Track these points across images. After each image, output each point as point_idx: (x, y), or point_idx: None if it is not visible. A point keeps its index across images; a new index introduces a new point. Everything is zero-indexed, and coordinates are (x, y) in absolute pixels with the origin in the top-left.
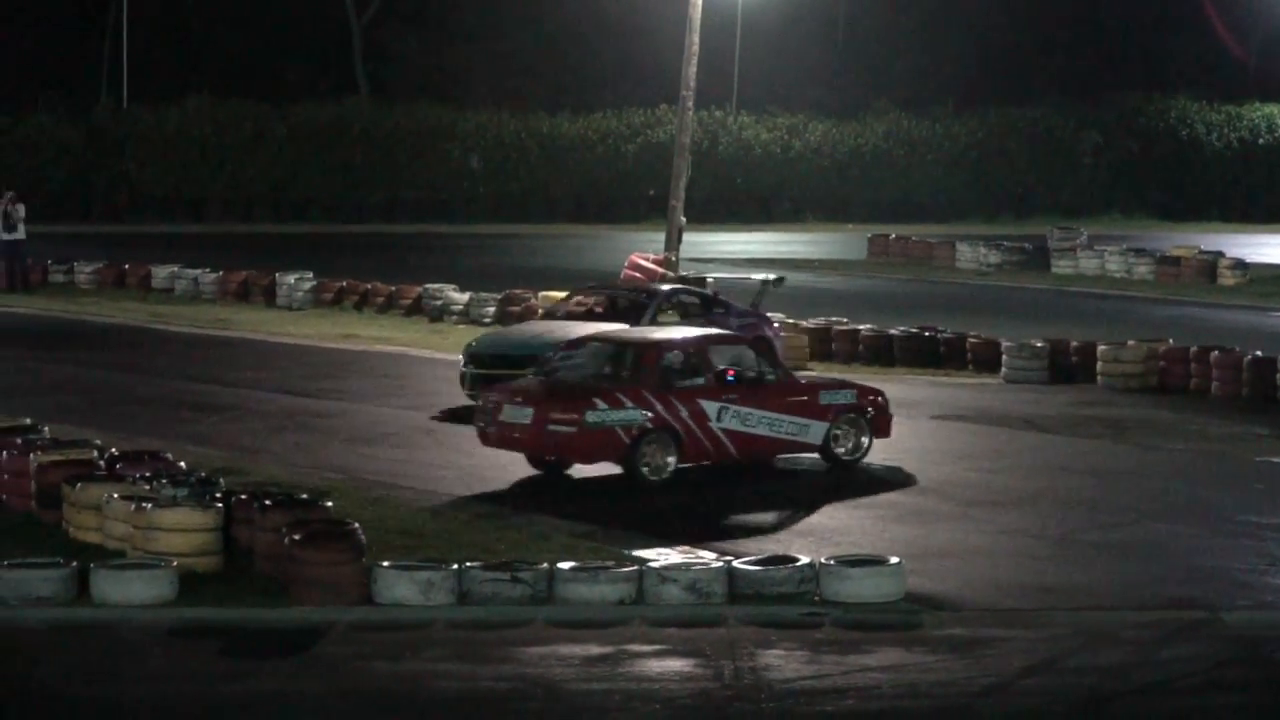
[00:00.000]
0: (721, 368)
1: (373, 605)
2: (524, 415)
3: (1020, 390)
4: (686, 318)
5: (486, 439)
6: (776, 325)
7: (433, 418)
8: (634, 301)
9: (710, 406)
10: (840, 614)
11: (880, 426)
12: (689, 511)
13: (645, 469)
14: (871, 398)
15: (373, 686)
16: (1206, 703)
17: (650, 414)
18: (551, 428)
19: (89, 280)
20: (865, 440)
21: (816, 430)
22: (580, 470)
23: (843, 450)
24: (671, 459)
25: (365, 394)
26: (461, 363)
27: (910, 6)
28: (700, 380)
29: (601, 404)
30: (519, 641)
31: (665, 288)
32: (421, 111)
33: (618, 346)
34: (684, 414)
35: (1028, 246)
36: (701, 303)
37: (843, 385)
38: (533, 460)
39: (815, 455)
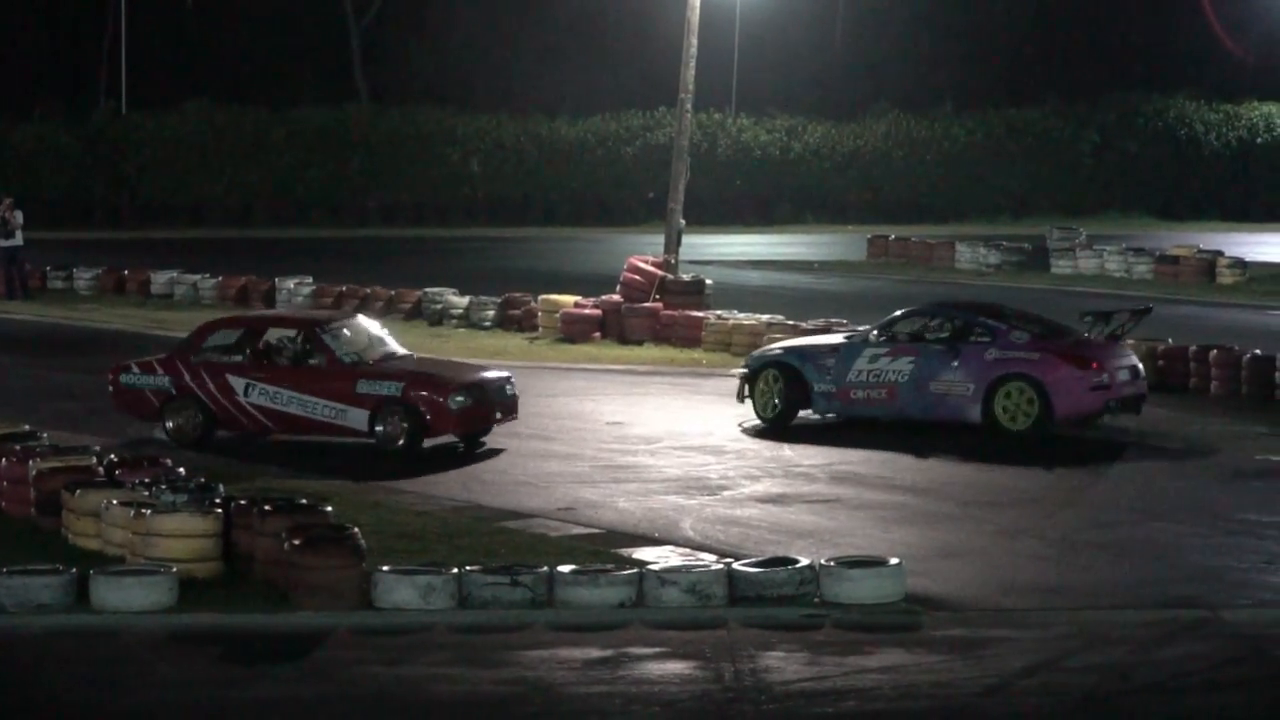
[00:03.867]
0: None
1: (373, 610)
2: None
3: None
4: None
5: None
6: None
7: None
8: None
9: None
10: (840, 615)
11: (436, 421)
12: None
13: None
14: (423, 391)
15: (373, 691)
16: (1207, 702)
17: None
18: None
19: (88, 286)
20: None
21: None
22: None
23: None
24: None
25: None
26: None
27: (908, 7)
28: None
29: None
30: (519, 645)
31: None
32: (420, 115)
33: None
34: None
35: (1027, 246)
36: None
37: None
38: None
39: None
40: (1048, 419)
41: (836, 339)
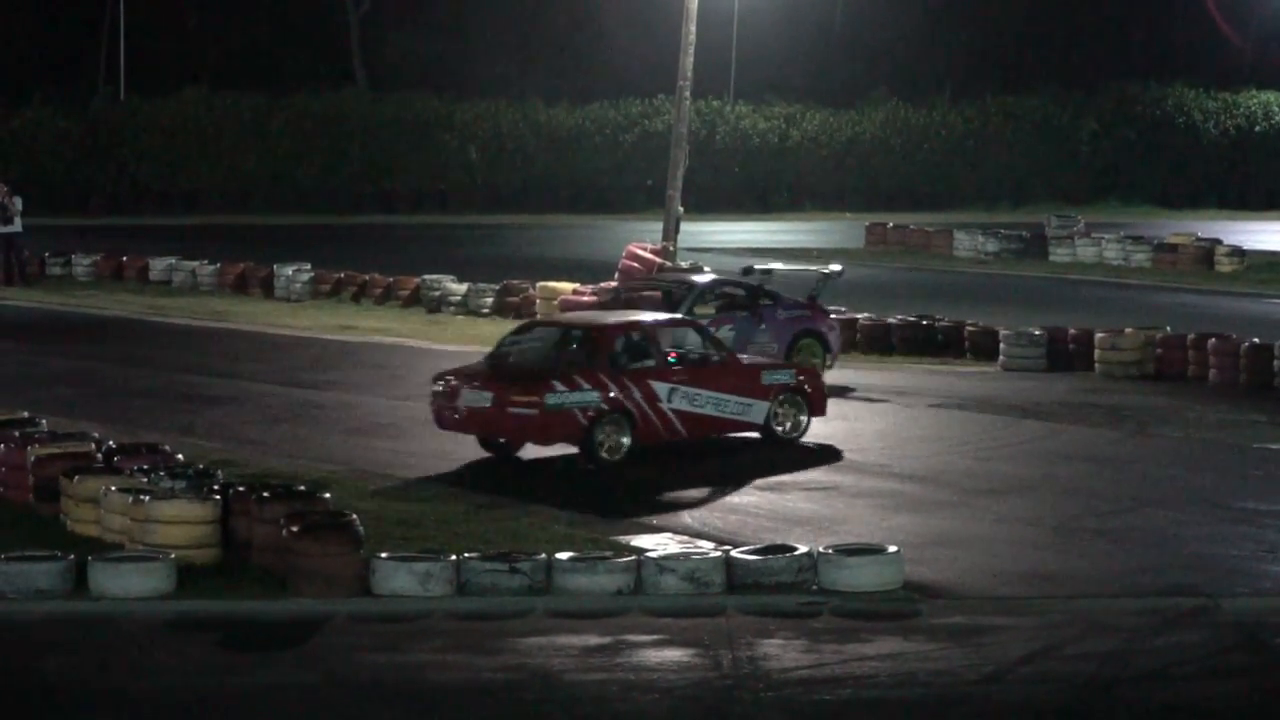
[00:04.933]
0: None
1: (371, 596)
2: (483, 399)
3: (1018, 378)
4: (731, 309)
5: (444, 422)
6: (833, 318)
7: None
8: (672, 292)
9: (660, 388)
10: (839, 603)
11: (816, 405)
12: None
13: (603, 450)
14: (808, 374)
15: (371, 678)
16: (1205, 689)
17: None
18: (513, 410)
19: (86, 272)
20: (804, 419)
21: (759, 410)
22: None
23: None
24: (626, 439)
25: (364, 385)
26: None
27: None
28: (650, 362)
29: (560, 386)
30: (517, 632)
31: (705, 279)
32: (419, 102)
33: (566, 330)
34: (636, 395)
35: (1025, 234)
36: (747, 294)
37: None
38: (484, 443)
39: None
40: (826, 364)
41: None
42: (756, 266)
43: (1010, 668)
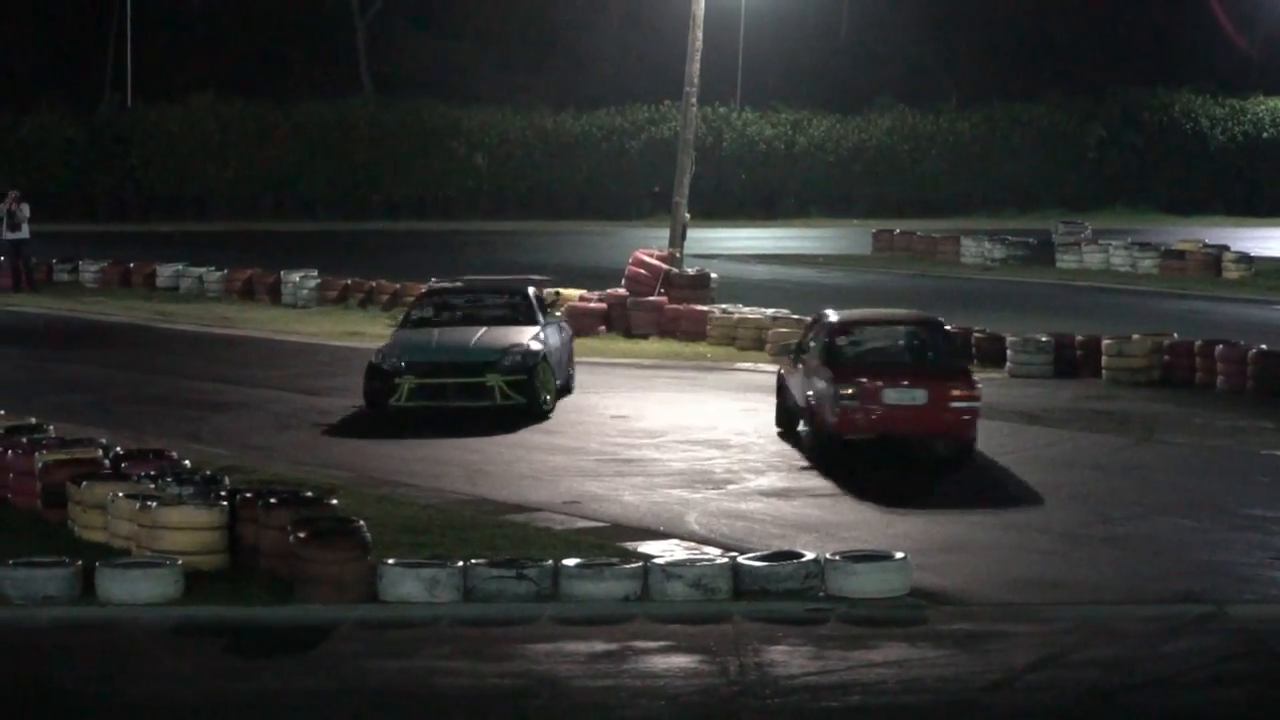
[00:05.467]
0: None
1: (378, 603)
2: (917, 398)
3: (1025, 384)
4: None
5: (854, 426)
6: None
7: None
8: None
9: None
10: (845, 609)
11: None
12: None
13: None
14: None
15: (378, 684)
16: (1211, 697)
17: None
18: (955, 405)
19: (94, 279)
20: None
21: None
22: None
23: None
24: None
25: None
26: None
27: (913, 1)
28: None
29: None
30: (524, 638)
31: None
32: (426, 109)
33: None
34: None
35: (1032, 241)
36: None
37: None
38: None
39: None
40: None
41: None
42: None
43: (1017, 674)
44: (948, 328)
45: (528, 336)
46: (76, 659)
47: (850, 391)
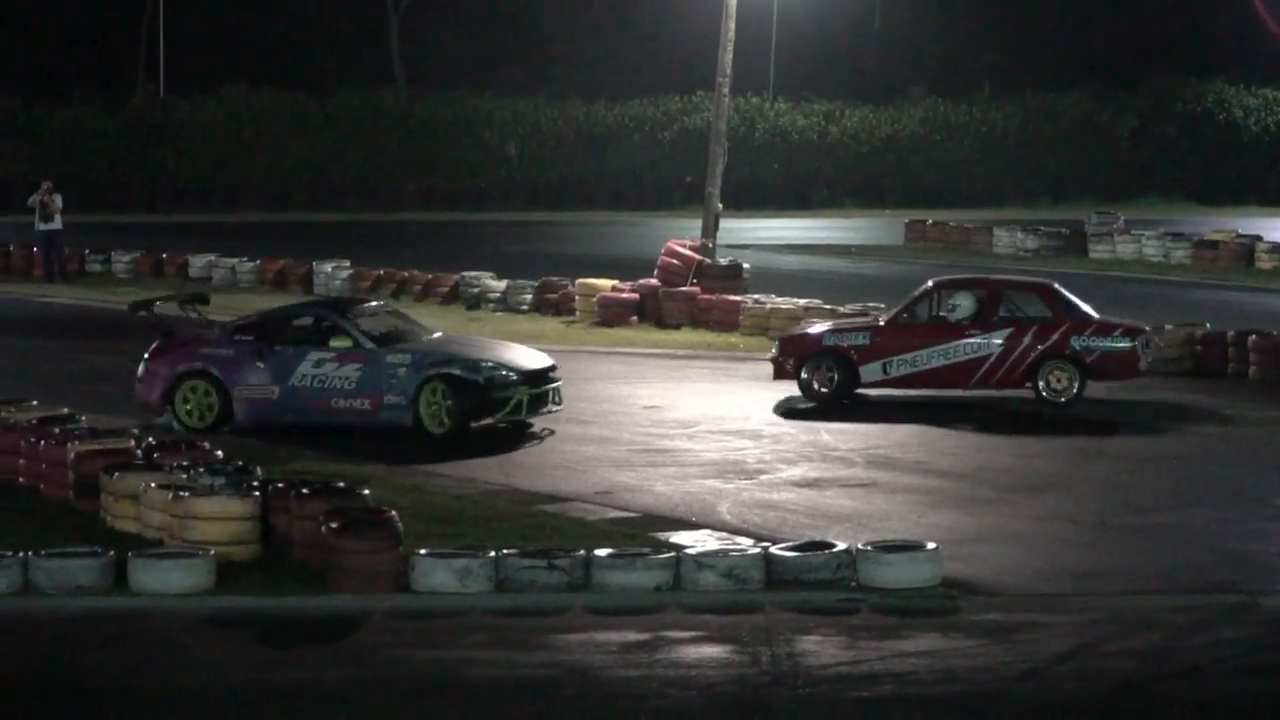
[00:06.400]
0: None
1: (410, 593)
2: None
3: None
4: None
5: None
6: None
7: None
8: None
9: None
10: (877, 599)
11: None
12: None
13: None
14: None
15: (410, 674)
16: (1244, 687)
17: None
18: None
19: (126, 270)
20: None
21: None
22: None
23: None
24: None
25: None
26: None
27: None
28: None
29: None
30: (556, 629)
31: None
32: (458, 99)
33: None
34: None
35: (1065, 231)
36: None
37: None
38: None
39: None
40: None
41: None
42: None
43: (1048, 665)
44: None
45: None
46: (108, 649)
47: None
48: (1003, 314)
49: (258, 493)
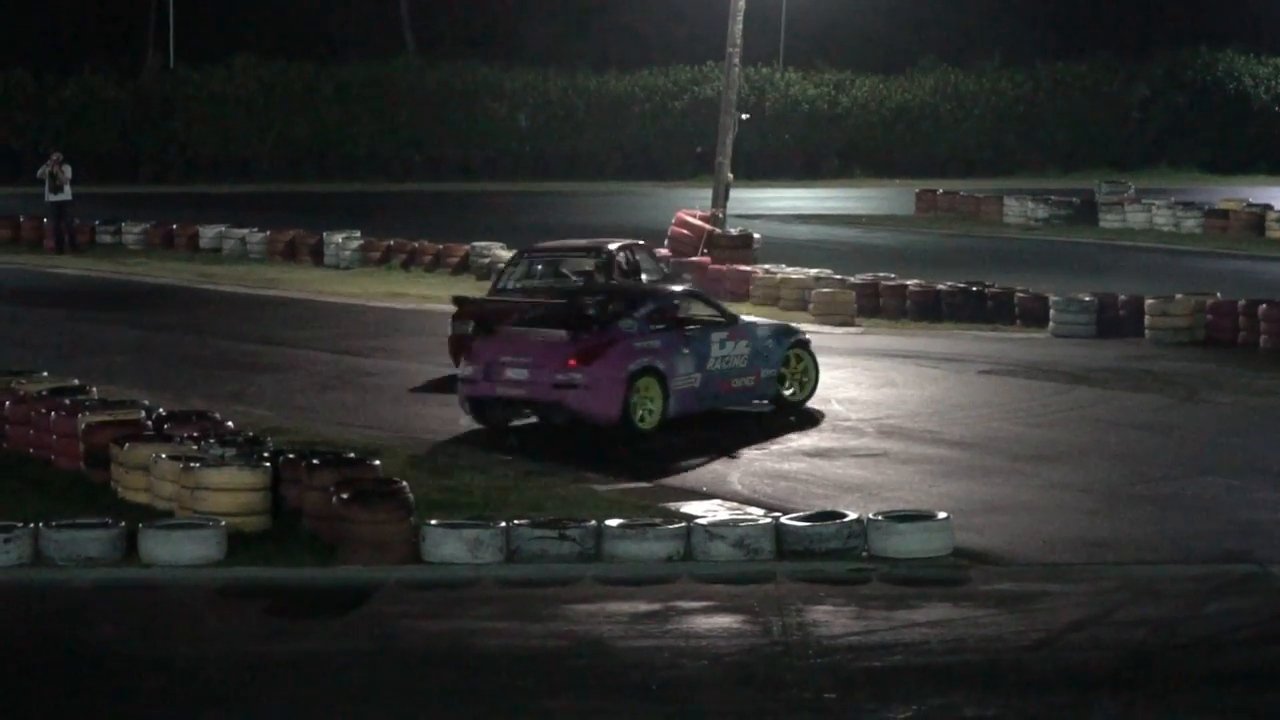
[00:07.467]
0: None
1: (421, 564)
2: None
3: (1068, 344)
4: None
5: None
6: None
7: None
8: None
9: None
10: (888, 569)
11: None
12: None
13: None
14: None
15: (421, 645)
16: (1255, 657)
17: None
18: None
19: (136, 241)
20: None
21: None
22: None
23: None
24: None
25: (413, 352)
26: None
27: None
28: None
29: None
30: (567, 599)
31: None
32: (468, 69)
33: None
34: None
35: (1075, 200)
36: None
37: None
38: None
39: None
40: None
41: None
42: None
43: (1060, 634)
44: None
45: None
46: (119, 620)
47: None
48: None
49: (268, 463)
